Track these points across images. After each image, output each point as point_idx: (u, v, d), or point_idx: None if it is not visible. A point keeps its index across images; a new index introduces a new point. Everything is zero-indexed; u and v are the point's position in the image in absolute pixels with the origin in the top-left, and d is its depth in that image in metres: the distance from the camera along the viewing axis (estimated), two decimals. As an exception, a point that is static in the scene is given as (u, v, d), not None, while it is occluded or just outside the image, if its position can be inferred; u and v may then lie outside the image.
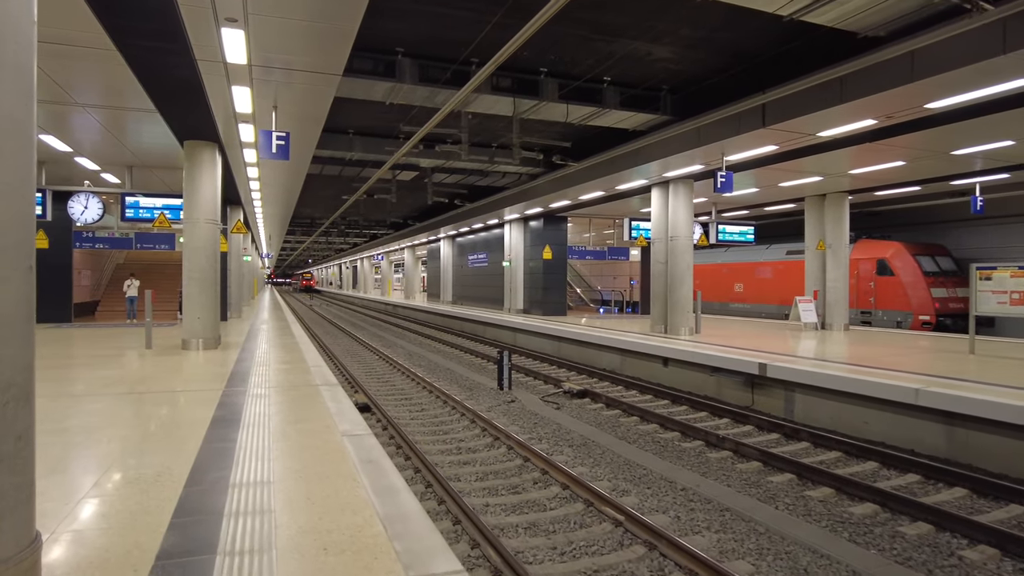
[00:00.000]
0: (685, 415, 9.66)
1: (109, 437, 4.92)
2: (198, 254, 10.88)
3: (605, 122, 12.33)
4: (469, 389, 11.62)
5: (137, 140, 11.41)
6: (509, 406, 10.07)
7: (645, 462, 7.10)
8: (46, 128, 10.28)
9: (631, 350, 13.68)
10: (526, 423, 8.92)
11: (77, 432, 5.04)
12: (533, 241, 23.09)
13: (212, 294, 11.07)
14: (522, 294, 23.86)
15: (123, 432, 5.10)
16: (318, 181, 19.06)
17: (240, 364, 9.07)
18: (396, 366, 14.23)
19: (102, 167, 13.24)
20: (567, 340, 16.45)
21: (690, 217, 14.99)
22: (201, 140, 10.84)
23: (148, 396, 6.60)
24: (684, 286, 14.92)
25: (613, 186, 15.64)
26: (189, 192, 10.88)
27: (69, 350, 10.77)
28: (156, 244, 17.44)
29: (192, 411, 5.91)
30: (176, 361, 9.43)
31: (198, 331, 10.86)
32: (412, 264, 43.24)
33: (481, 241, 28.58)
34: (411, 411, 9.69)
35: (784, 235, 24.25)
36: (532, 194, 18.08)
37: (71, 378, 7.79)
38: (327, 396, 6.64)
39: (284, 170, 13.97)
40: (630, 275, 25.41)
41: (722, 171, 11.90)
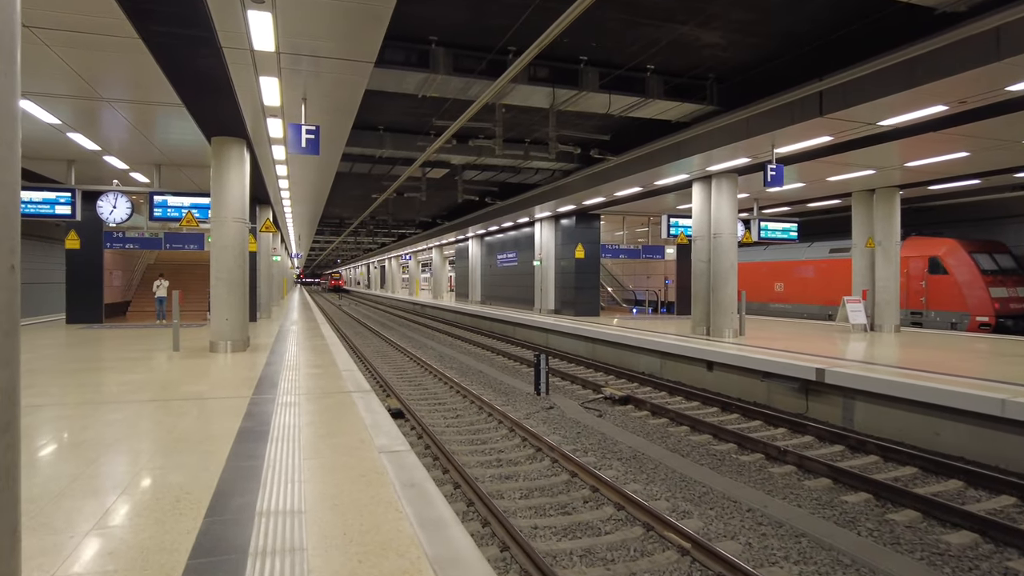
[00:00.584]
0: (738, 424, 9.04)
1: (127, 452, 4.53)
2: (226, 253, 10.57)
3: (647, 113, 11.73)
4: (504, 394, 11.14)
5: (165, 138, 11.15)
6: (548, 413, 9.56)
7: (703, 478, 6.53)
8: (74, 126, 10.06)
9: (672, 353, 13.06)
10: (568, 432, 8.40)
11: (93, 446, 4.66)
12: (565, 240, 22.53)
13: (240, 295, 10.76)
14: (553, 294, 23.31)
15: (142, 446, 4.71)
16: (347, 180, 18.75)
17: (269, 368, 8.71)
18: (427, 368, 13.81)
19: (131, 166, 13.05)
20: (602, 342, 15.88)
21: (734, 213, 14.31)
22: (229, 136, 10.53)
23: (171, 404, 6.23)
24: (728, 286, 14.24)
25: (652, 181, 15.02)
26: (217, 190, 10.58)
27: (97, 352, 10.55)
28: (186, 244, 17.29)
29: (217, 422, 5.51)
30: (203, 364, 9.11)
31: (226, 333, 10.55)
32: (440, 264, 42.95)
33: (510, 240, 28.10)
34: (445, 417, 9.24)
35: (827, 232, 23.33)
36: (565, 191, 17.52)
37: (95, 383, 7.49)
38: (360, 405, 6.20)
39: (313, 167, 13.65)
40: (665, 274, 24.68)
41: (772, 164, 11.23)
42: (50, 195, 12.23)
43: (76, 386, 7.18)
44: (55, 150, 11.71)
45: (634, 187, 15.82)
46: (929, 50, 7.33)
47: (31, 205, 12.14)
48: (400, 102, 12.33)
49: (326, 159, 12.61)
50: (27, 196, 12.11)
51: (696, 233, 15.07)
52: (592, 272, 21.85)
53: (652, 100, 11.02)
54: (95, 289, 16.50)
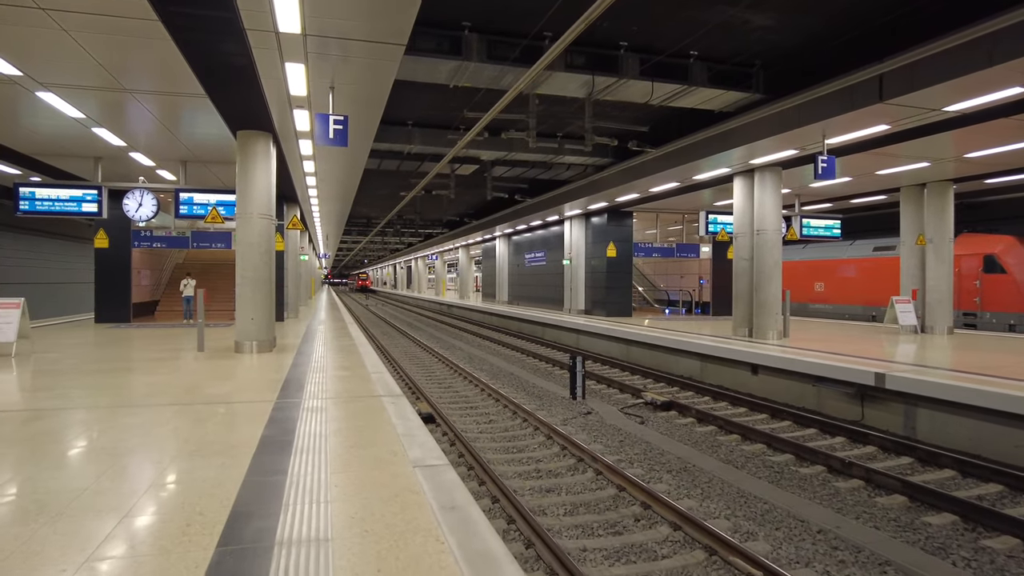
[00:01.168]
0: (791, 432, 8.43)
1: (139, 464, 4.14)
2: (252, 251, 10.24)
3: (688, 103, 11.14)
4: (538, 397, 10.64)
5: (191, 132, 10.89)
6: (586, 419, 9.04)
7: (763, 493, 5.95)
8: (99, 120, 9.82)
9: (714, 356, 12.44)
10: (610, 440, 7.87)
11: (104, 456, 4.28)
12: (595, 238, 21.96)
13: (266, 294, 10.43)
14: (583, 294, 22.75)
15: (156, 456, 4.31)
16: (375, 178, 18.43)
17: (295, 370, 8.33)
18: (457, 370, 13.38)
19: (157, 163, 12.84)
20: (638, 343, 15.28)
21: (778, 208, 13.62)
22: (254, 130, 10.20)
23: (192, 408, 5.85)
24: (772, 285, 13.56)
25: (690, 176, 14.38)
26: (242, 185, 10.26)
27: (121, 352, 10.31)
28: (213, 243, 17.12)
29: (238, 429, 5.11)
30: (227, 366, 8.78)
31: (252, 333, 10.23)
32: (466, 264, 42.61)
33: (539, 239, 27.59)
34: (478, 422, 8.78)
35: (869, 230, 22.41)
36: (598, 187, 16.95)
37: (115, 385, 7.18)
38: (391, 411, 5.76)
39: (341, 163, 13.31)
40: (699, 273, 23.93)
41: (823, 155, 10.56)
42: (76, 192, 12.06)
43: (96, 388, 6.86)
44: (81, 146, 11.52)
45: (671, 182, 15.20)
46: (1014, 22, 6.65)
47: (57, 203, 11.97)
48: (430, 95, 11.92)
49: (354, 153, 12.25)
50: (53, 194, 11.96)
51: (738, 230, 14.41)
52: (624, 271, 21.24)
53: (695, 88, 10.43)
54: (123, 288, 16.40)
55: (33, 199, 11.92)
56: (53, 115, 9.44)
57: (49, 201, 11.98)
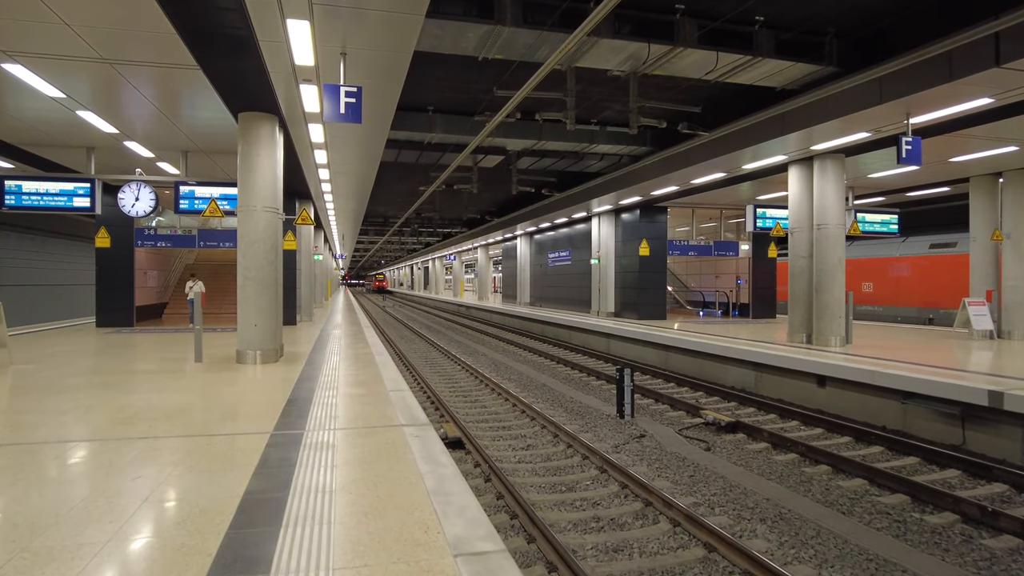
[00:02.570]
0: (889, 462, 7.05)
1: (58, 550, 2.92)
2: (255, 248, 9.06)
3: (748, 78, 9.79)
4: (579, 415, 9.34)
5: (191, 118, 9.74)
6: (641, 444, 7.73)
7: (894, 554, 4.61)
8: (83, 102, 8.67)
9: (771, 365, 11.07)
10: (677, 474, 6.55)
11: (8, 533, 3.06)
12: (626, 235, 20.59)
13: (272, 297, 9.25)
14: (613, 295, 21.39)
15: (90, 535, 3.08)
16: (393, 171, 17.25)
17: (302, 386, 7.12)
18: (483, 380, 12.12)
19: (156, 154, 11.72)
20: (678, 350, 13.92)
21: (841, 200, 12.21)
22: (258, 111, 9.03)
23: (165, 445, 4.64)
24: (835, 286, 12.15)
25: (739, 165, 12.96)
26: (244, 175, 9.08)
27: (109, 363, 9.18)
28: (221, 242, 16.02)
29: (218, 479, 3.88)
30: (223, 381, 7.58)
31: (255, 341, 9.05)
32: (485, 264, 41.38)
33: (563, 237, 26.27)
34: (514, 448, 7.50)
35: (924, 226, 20.83)
36: (633, 179, 15.59)
37: (83, 408, 6.00)
38: (417, 450, 4.50)
39: (356, 152, 12.10)
40: (736, 273, 22.48)
41: (907, 136, 9.16)
42: (67, 186, 10.98)
43: (58, 413, 5.68)
44: (71, 135, 10.42)
45: (716, 172, 13.80)
46: None
47: (46, 198, 10.90)
48: (453, 74, 10.71)
49: (370, 139, 11.02)
50: (42, 187, 10.89)
51: (793, 224, 13.00)
52: (658, 271, 19.85)
53: (760, 60, 9.09)
54: (126, 290, 15.35)
55: (20, 193, 10.86)
56: (32, 96, 8.33)
57: (37, 196, 10.91)
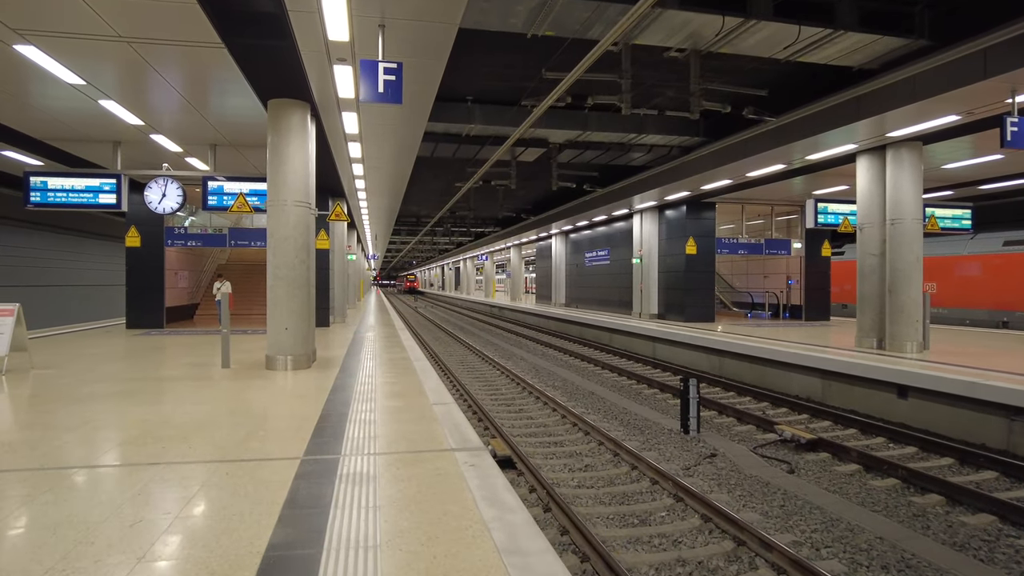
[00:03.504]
0: (1015, 491, 6.05)
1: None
2: (286, 245, 8.41)
3: (823, 56, 8.84)
4: (638, 429, 8.48)
5: (220, 109, 9.16)
6: (715, 465, 6.84)
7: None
8: (105, 91, 8.12)
9: (841, 373, 10.06)
10: (766, 504, 5.66)
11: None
12: (671, 233, 19.59)
13: (304, 298, 8.59)
14: (656, 296, 20.40)
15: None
16: (428, 167, 16.56)
17: (336, 397, 6.42)
18: (526, 387, 11.32)
19: (184, 148, 11.19)
20: (734, 355, 12.93)
21: (918, 192, 11.10)
22: (288, 98, 8.37)
23: (176, 474, 3.94)
24: (911, 286, 11.07)
25: (802, 155, 11.93)
26: (275, 167, 8.43)
27: (133, 368, 8.61)
28: (252, 241, 15.52)
29: (233, 528, 3.14)
30: (251, 391, 6.92)
31: (286, 346, 8.40)
32: (518, 264, 40.59)
33: (601, 236, 25.33)
34: (571, 469, 6.69)
35: (992, 222, 19.39)
36: (683, 172, 14.62)
37: (95, 422, 5.37)
38: (475, 486, 3.72)
39: (392, 144, 11.39)
40: (786, 272, 21.30)
41: (1013, 117, 8.09)
42: (92, 182, 10.50)
43: (66, 430, 5.05)
44: (96, 128, 9.94)
45: (777, 163, 12.78)
46: None
47: (72, 194, 10.44)
48: (495, 59, 9.96)
49: (407, 128, 10.31)
50: (67, 184, 10.42)
51: (862, 219, 11.93)
52: (705, 270, 18.82)
53: (841, 34, 8.13)
54: (156, 291, 14.94)
55: (45, 190, 10.41)
56: (53, 84, 7.80)
57: (63, 192, 10.45)
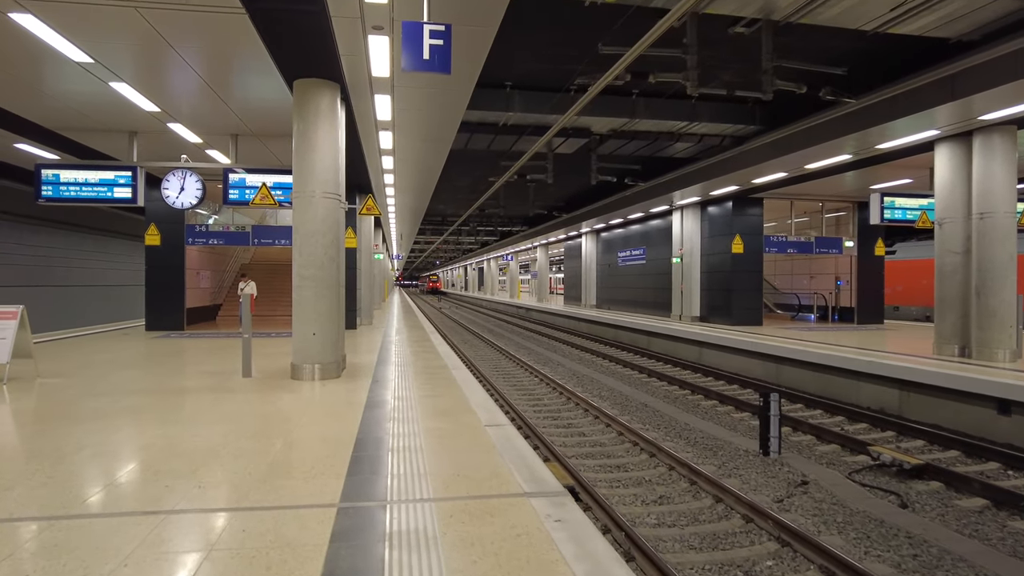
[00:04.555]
0: None
1: None
2: (313, 242, 7.57)
3: (917, 26, 7.78)
4: (708, 450, 7.49)
5: (242, 90, 8.36)
6: (812, 497, 5.83)
7: None
8: (115, 70, 7.35)
9: (922, 383, 9.00)
10: (894, 551, 4.65)
11: None
12: (714, 230, 18.50)
13: (333, 300, 7.75)
14: (698, 297, 19.31)
15: None
16: (459, 162, 15.67)
17: (371, 416, 5.54)
18: (570, 397, 10.37)
19: (204, 138, 10.43)
20: (792, 362, 11.84)
21: (1012, 183, 9.95)
22: (316, 78, 7.53)
23: (172, 533, 3.08)
24: (1004, 287, 9.91)
25: (878, 142, 10.81)
26: (301, 154, 7.59)
27: (146, 377, 7.84)
28: (276, 239, 14.79)
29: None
30: (275, 407, 6.07)
31: (313, 353, 7.56)
32: (545, 264, 39.65)
33: (636, 234, 24.27)
34: (645, 502, 5.73)
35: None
36: (735, 164, 13.55)
37: (91, 448, 4.55)
38: (568, 550, 2.78)
39: (427, 131, 10.47)
40: (835, 273, 20.07)
41: None
42: (107, 175, 9.80)
43: (53, 461, 4.23)
44: (110, 116, 9.21)
45: (843, 153, 11.67)
46: None
47: (85, 188, 9.74)
48: (542, 38, 9.05)
49: (444, 115, 9.41)
50: (80, 176, 9.73)
51: (942, 214, 10.77)
52: (752, 270, 17.69)
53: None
54: (176, 292, 14.27)
55: (57, 183, 9.73)
56: (59, 64, 7.07)
57: (75, 186, 9.76)
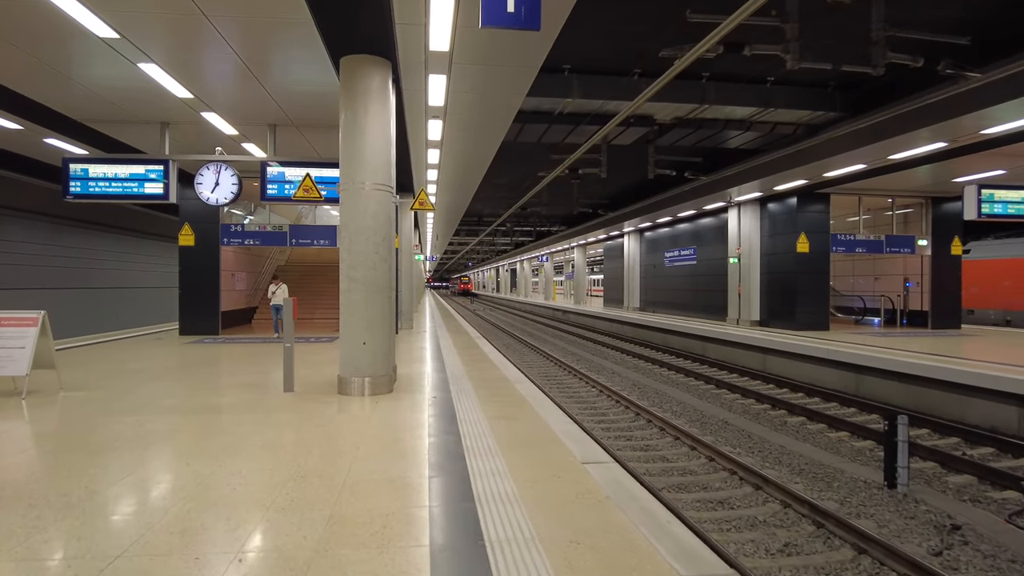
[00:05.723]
0: None
1: None
2: (363, 239, 6.69)
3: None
4: (818, 479, 6.41)
5: (282, 74, 7.59)
6: (975, 549, 4.73)
7: None
8: (143, 48, 6.60)
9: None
10: None
11: None
12: (775, 228, 17.25)
13: (384, 305, 6.87)
14: (757, 300, 18.07)
15: None
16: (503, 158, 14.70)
17: (441, 446, 4.63)
18: (641, 413, 9.35)
19: (240, 129, 9.69)
20: (874, 371, 10.63)
21: None
22: (366, 54, 6.67)
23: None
24: None
25: (981, 128, 9.58)
26: (349, 140, 6.73)
27: (178, 390, 7.06)
28: (314, 239, 14.06)
29: None
30: (324, 432, 5.19)
31: (363, 365, 6.68)
32: (582, 265, 38.57)
33: (686, 233, 23.07)
34: (768, 549, 4.70)
35: None
36: (809, 155, 12.35)
37: (103, 495, 3.73)
38: None
39: (480, 117, 9.54)
40: (903, 273, 18.66)
41: None
42: (137, 169, 9.10)
43: (59, 510, 3.41)
44: (140, 105, 8.51)
45: (940, 140, 10.43)
46: None
47: (114, 183, 9.05)
48: (613, 12, 8.08)
49: (502, 99, 8.44)
50: (109, 171, 9.04)
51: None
52: (819, 271, 16.41)
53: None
54: (211, 294, 13.63)
55: (86, 179, 9.06)
56: (83, 40, 6.34)
57: (105, 181, 9.08)
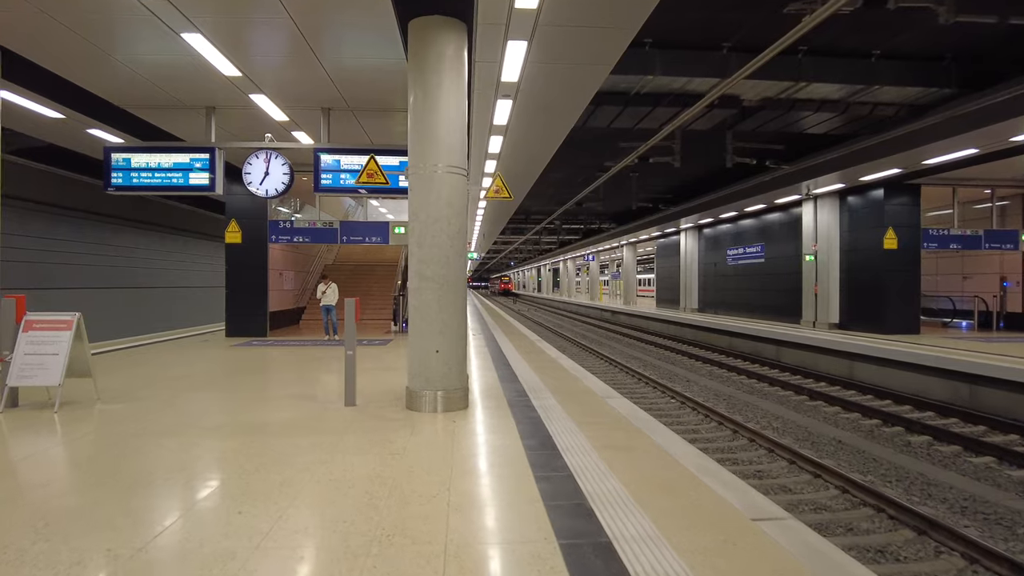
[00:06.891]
0: None
1: None
2: (436, 230, 5.77)
3: None
4: (998, 524, 5.22)
5: (339, 50, 6.75)
6: None
7: None
8: (190, 17, 5.81)
9: None
10: None
11: None
12: (856, 223, 15.80)
13: (459, 307, 5.94)
14: (837, 301, 16.63)
15: None
16: (569, 147, 13.69)
17: (551, 489, 3.63)
18: (739, 430, 8.21)
19: (289, 113, 8.89)
20: (993, 381, 9.25)
21: None
22: (439, 14, 5.73)
23: None
24: None
25: None
26: (420, 116, 5.80)
27: (226, 403, 6.25)
28: (366, 236, 13.24)
29: None
30: (403, 465, 4.24)
31: (436, 376, 5.74)
32: (631, 264, 37.24)
33: (752, 229, 21.65)
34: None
35: None
36: (912, 140, 10.97)
37: (122, 557, 2.85)
38: None
39: (550, 103, 8.52)
40: (1000, 272, 16.96)
41: None
42: (182, 158, 8.36)
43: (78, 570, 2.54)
44: (184, 85, 7.75)
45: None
46: None
47: (157, 174, 8.34)
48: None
49: (587, 72, 7.37)
50: (152, 161, 8.33)
51: None
52: (908, 269, 14.92)
53: None
54: (259, 294, 12.96)
55: (128, 169, 8.37)
56: (121, 8, 5.57)
57: (147, 172, 8.37)
